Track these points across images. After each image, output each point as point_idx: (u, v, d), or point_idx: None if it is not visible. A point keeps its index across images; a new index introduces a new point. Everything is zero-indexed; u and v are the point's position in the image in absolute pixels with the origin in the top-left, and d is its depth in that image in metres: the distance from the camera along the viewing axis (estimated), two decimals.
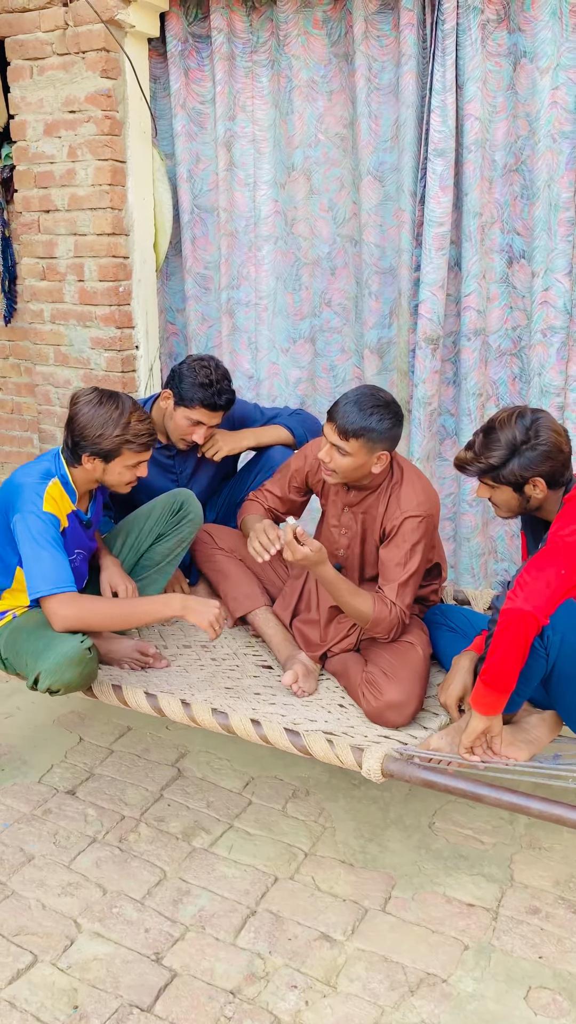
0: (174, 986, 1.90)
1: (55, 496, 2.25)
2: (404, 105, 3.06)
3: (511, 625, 1.80)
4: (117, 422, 2.22)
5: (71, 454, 2.30)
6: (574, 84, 2.87)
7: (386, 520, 2.37)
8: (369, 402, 2.25)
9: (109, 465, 2.28)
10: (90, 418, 2.23)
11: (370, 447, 2.26)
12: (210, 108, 3.49)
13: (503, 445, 1.97)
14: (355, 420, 2.23)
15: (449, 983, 1.91)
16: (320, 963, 1.97)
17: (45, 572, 2.15)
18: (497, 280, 3.17)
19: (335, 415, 2.26)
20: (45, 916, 2.10)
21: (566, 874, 2.22)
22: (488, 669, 1.85)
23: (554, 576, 1.82)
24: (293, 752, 2.04)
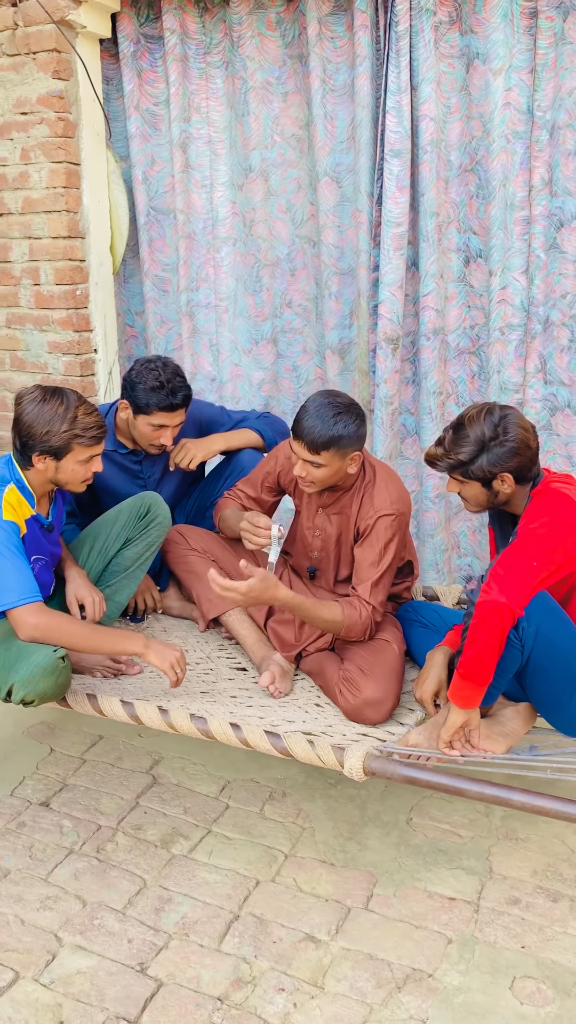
0: (160, 996, 1.89)
1: (12, 502, 2.20)
2: (359, 106, 3.07)
3: (487, 617, 1.82)
4: (63, 417, 2.17)
5: (21, 456, 2.25)
6: (526, 85, 2.91)
7: (360, 519, 2.38)
8: (330, 411, 2.25)
9: (61, 463, 2.23)
10: (35, 416, 2.18)
11: (342, 453, 2.26)
12: (164, 110, 3.46)
13: (472, 441, 2.00)
14: (322, 432, 2.23)
15: (435, 977, 1.93)
16: (306, 964, 1.97)
17: (8, 583, 2.11)
18: (455, 279, 3.20)
19: (301, 433, 2.25)
20: (24, 932, 2.07)
21: (543, 864, 2.25)
22: (465, 662, 1.87)
23: (527, 568, 1.84)
24: (274, 754, 2.03)
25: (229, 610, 2.61)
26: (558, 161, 2.93)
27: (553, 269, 3.03)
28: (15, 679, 2.07)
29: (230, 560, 2.69)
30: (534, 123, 2.92)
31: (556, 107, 2.90)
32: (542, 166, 2.95)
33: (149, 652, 2.17)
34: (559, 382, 3.12)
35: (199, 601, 2.67)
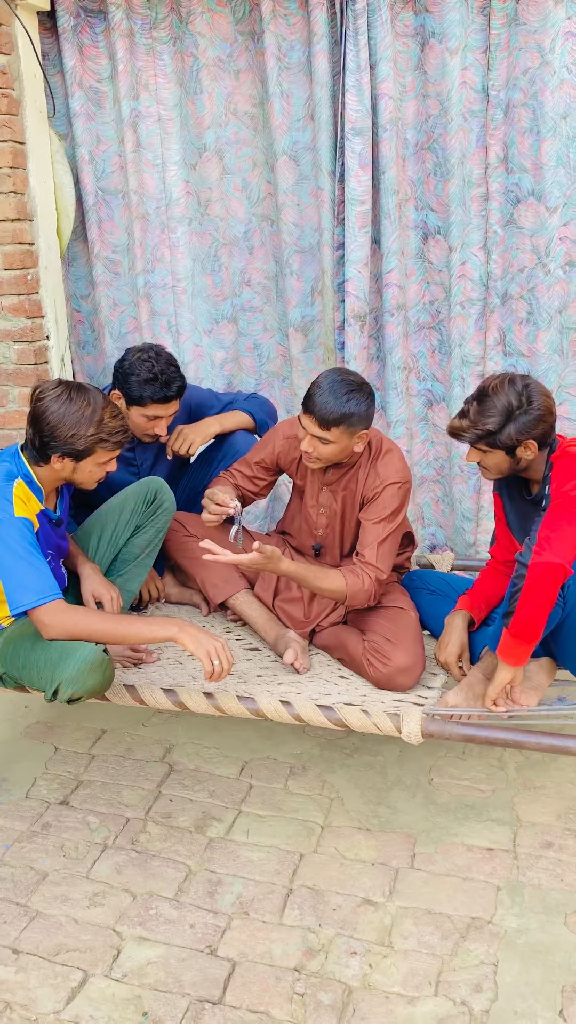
0: (238, 974, 1.90)
1: (21, 497, 2.12)
2: (318, 84, 3.08)
3: (543, 578, 1.91)
4: (91, 420, 2.10)
5: (38, 453, 2.17)
6: (481, 65, 3.00)
7: (366, 490, 2.42)
8: (343, 388, 2.28)
9: (80, 464, 2.16)
10: (61, 417, 2.09)
11: (351, 431, 2.30)
12: (108, 87, 3.37)
13: (499, 411, 2.07)
14: (334, 409, 2.26)
15: (494, 923, 2.02)
16: (370, 927, 2.02)
17: (26, 582, 2.03)
18: (413, 256, 3.28)
19: (312, 408, 2.28)
20: (81, 930, 2.03)
21: (564, 807, 2.39)
22: (518, 622, 1.96)
23: (572, 529, 1.94)
24: (328, 727, 2.07)
25: (236, 593, 2.61)
26: (514, 139, 3.04)
27: (511, 244, 3.15)
28: (62, 677, 2.01)
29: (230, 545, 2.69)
30: (489, 102, 3.01)
31: (510, 86, 2.99)
32: (497, 144, 3.05)
33: (184, 636, 2.05)
34: (519, 353, 3.25)
35: (204, 586, 2.65)
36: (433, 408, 3.43)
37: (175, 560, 2.71)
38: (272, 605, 2.60)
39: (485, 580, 2.44)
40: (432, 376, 3.40)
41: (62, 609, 2.07)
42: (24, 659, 2.11)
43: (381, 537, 2.35)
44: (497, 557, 2.47)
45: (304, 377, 3.44)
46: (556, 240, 3.05)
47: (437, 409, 3.42)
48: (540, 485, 2.20)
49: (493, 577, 2.46)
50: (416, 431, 3.46)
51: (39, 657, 2.07)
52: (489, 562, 2.49)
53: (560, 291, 3.10)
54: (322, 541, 2.57)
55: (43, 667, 2.05)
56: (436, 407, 3.42)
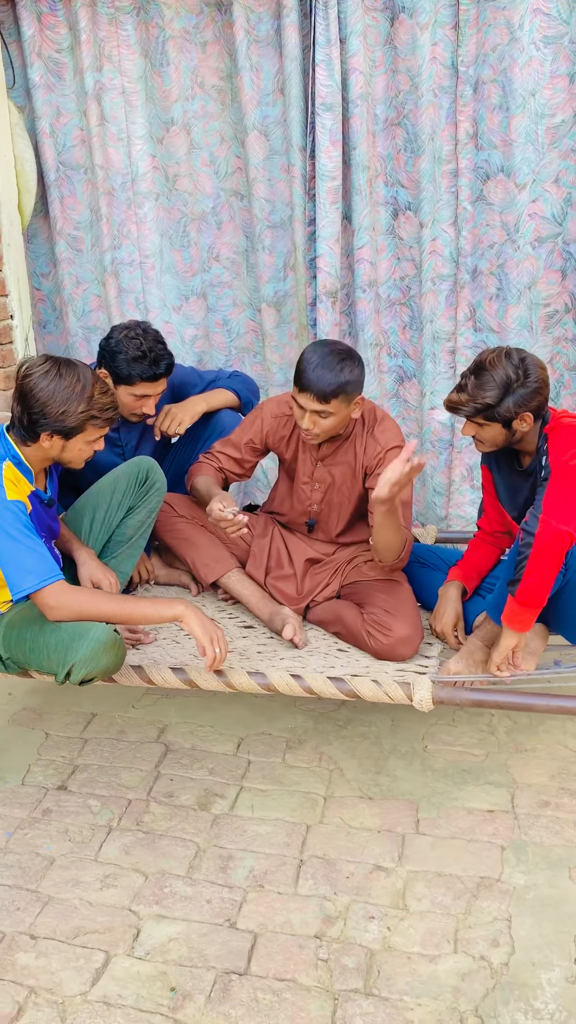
0: (260, 945, 1.92)
1: (11, 479, 2.08)
2: (288, 59, 3.06)
3: (550, 545, 1.96)
4: (81, 396, 2.05)
5: (26, 432, 2.12)
6: (450, 41, 3.01)
7: (367, 459, 2.44)
8: (335, 359, 2.29)
9: (69, 442, 2.12)
10: (51, 393, 2.04)
11: (348, 399, 2.32)
12: (68, 57, 3.28)
13: (497, 384, 2.11)
14: (331, 381, 2.26)
15: (503, 881, 2.09)
16: (384, 891, 2.07)
17: (26, 564, 2.00)
18: (384, 232, 3.30)
19: (308, 384, 2.27)
20: (97, 912, 2.02)
21: (556, 768, 2.47)
22: (525, 589, 2.01)
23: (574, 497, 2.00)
24: (340, 698, 2.10)
25: (228, 572, 2.61)
26: (483, 115, 3.07)
27: (480, 220, 3.19)
28: (75, 659, 1.99)
29: None
30: (458, 78, 3.02)
31: (479, 62, 3.02)
32: (467, 120, 3.07)
33: (190, 616, 2.05)
34: (488, 329, 3.31)
35: (195, 566, 2.64)
36: (404, 384, 3.47)
37: (164, 540, 2.69)
38: (264, 583, 2.61)
39: (474, 551, 2.50)
40: (403, 352, 3.44)
41: (67, 590, 2.04)
42: (32, 642, 2.07)
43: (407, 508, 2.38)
44: (485, 528, 2.52)
45: (277, 352, 3.44)
46: (525, 216, 3.10)
47: (408, 386, 3.46)
48: (533, 457, 2.25)
49: (482, 548, 2.51)
50: (388, 408, 3.49)
51: (49, 639, 2.04)
52: (477, 533, 2.55)
53: (529, 267, 3.15)
54: (316, 517, 2.59)
55: (54, 649, 2.02)
56: (407, 383, 3.46)
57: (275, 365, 3.46)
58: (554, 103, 2.97)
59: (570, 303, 3.17)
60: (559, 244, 3.12)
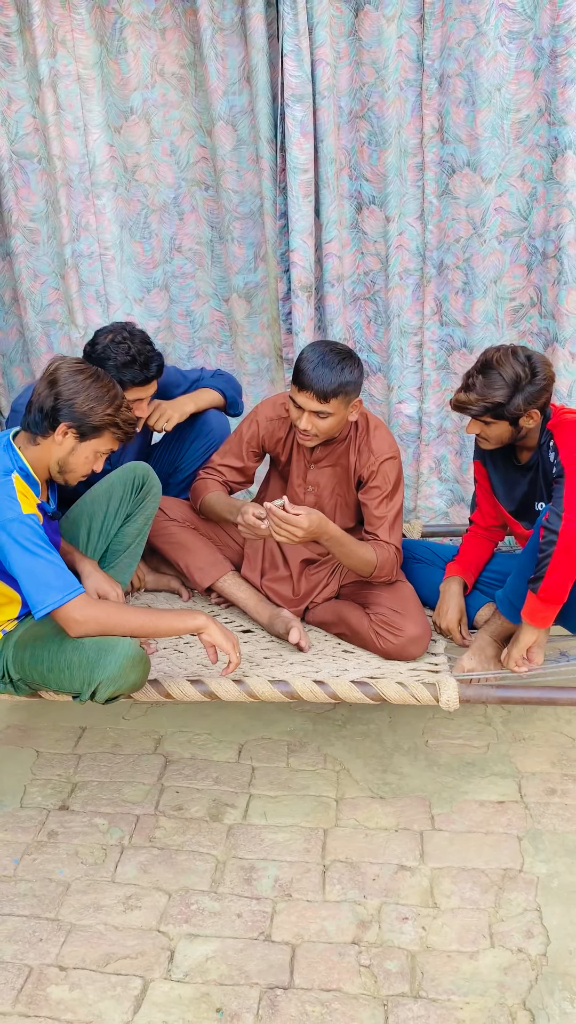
0: (300, 956, 1.90)
1: (22, 492, 1.99)
2: (254, 48, 2.99)
3: (574, 542, 1.98)
4: (111, 401, 2.05)
5: (43, 419, 2.02)
6: (416, 34, 3.01)
7: (361, 467, 2.43)
8: (335, 359, 2.26)
9: (82, 445, 2.05)
10: (83, 387, 2.02)
11: (347, 400, 2.29)
12: (18, 41, 3.13)
13: (506, 383, 2.12)
14: (331, 380, 2.23)
15: (525, 871, 2.12)
16: (412, 891, 2.07)
17: (49, 580, 1.93)
18: (348, 226, 3.27)
19: (308, 383, 2.24)
20: (124, 936, 1.96)
21: (556, 755, 2.52)
22: (549, 586, 2.03)
23: None
24: (366, 702, 2.08)
25: (223, 576, 2.56)
26: (448, 109, 3.07)
27: (446, 214, 3.20)
28: (102, 677, 1.91)
29: (210, 528, 2.63)
30: (424, 72, 3.03)
31: (445, 56, 3.02)
32: (432, 114, 3.07)
33: (211, 627, 2.05)
34: (455, 323, 3.33)
35: (189, 571, 2.58)
36: (370, 379, 3.46)
37: (155, 545, 2.61)
38: (260, 585, 2.57)
39: (470, 545, 2.52)
40: (368, 347, 3.43)
41: (91, 603, 1.98)
42: (51, 662, 1.97)
43: (391, 516, 2.38)
44: (479, 523, 2.54)
45: (248, 342, 3.39)
46: (491, 211, 3.13)
47: (374, 380, 3.46)
48: (533, 452, 2.28)
49: (476, 542, 2.54)
50: None
51: (71, 658, 1.94)
52: (471, 528, 2.57)
53: (495, 261, 3.19)
54: None
55: (78, 668, 1.94)
56: (373, 378, 3.45)
57: (247, 355, 3.41)
58: (519, 98, 3.00)
59: (535, 297, 3.23)
60: (524, 239, 3.16)
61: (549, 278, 3.09)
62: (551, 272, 3.07)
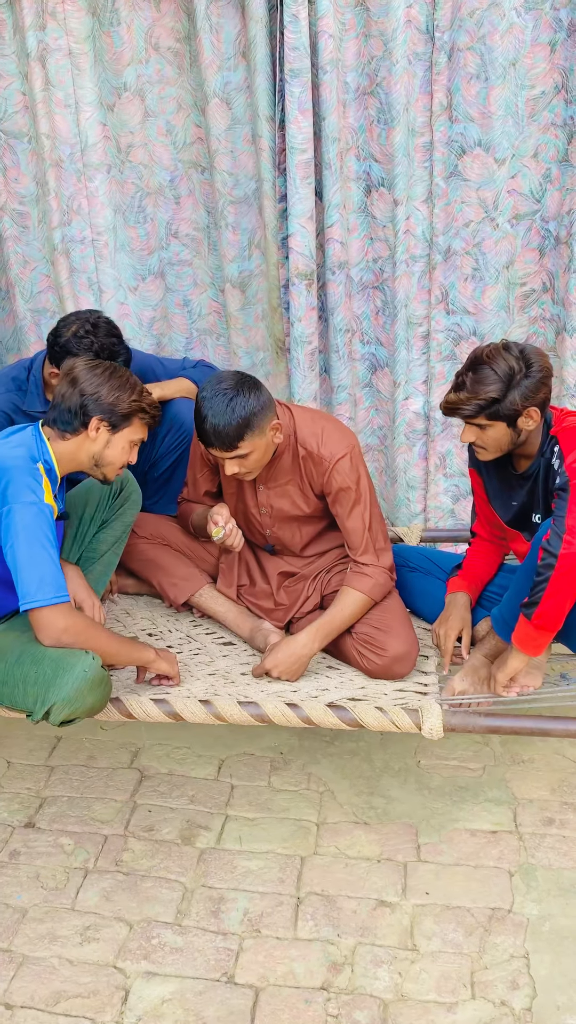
0: (263, 1002, 1.76)
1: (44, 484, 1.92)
2: (252, 20, 2.81)
3: (574, 568, 1.80)
4: (133, 388, 2.04)
5: (73, 420, 1.98)
6: (425, 3, 2.81)
7: (313, 478, 2.25)
8: (223, 401, 2.05)
9: (116, 435, 2.02)
10: (104, 380, 2.01)
11: (260, 431, 2.10)
12: (7, 13, 2.97)
13: (499, 377, 1.94)
14: (227, 426, 2.04)
15: (515, 912, 1.96)
16: (391, 930, 1.93)
17: (47, 577, 1.83)
18: (356, 210, 3.09)
19: (210, 440, 2.08)
20: (79, 972, 1.83)
21: (556, 780, 2.36)
22: (544, 613, 1.85)
23: None
24: (341, 728, 1.93)
25: (199, 589, 2.41)
26: (459, 85, 2.88)
27: (454, 197, 3.00)
28: (56, 698, 1.78)
29: (182, 540, 2.49)
30: (434, 44, 2.83)
31: (456, 28, 2.83)
32: (441, 90, 2.88)
33: (160, 660, 2.07)
34: (463, 311, 3.14)
35: (163, 588, 2.44)
36: (377, 374, 3.29)
37: (126, 565, 2.47)
38: (238, 597, 2.42)
39: (476, 558, 2.34)
40: (376, 339, 3.26)
41: (70, 612, 1.88)
42: (5, 674, 1.85)
43: (365, 525, 2.21)
44: (482, 534, 2.37)
45: (243, 335, 3.22)
46: (504, 193, 2.94)
47: (381, 375, 3.28)
48: (534, 460, 2.10)
49: (482, 553, 2.36)
50: (360, 397, 3.32)
51: (27, 673, 1.82)
52: (474, 539, 2.39)
53: (507, 246, 3.00)
54: (274, 542, 2.40)
55: (32, 684, 1.81)
56: (380, 372, 3.28)
57: (240, 348, 3.25)
58: (534, 73, 2.80)
59: (548, 282, 3.04)
60: (537, 222, 2.97)
61: (562, 263, 2.91)
62: (563, 258, 2.89)
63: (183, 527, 2.49)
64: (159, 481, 2.64)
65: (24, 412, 2.42)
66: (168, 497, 2.62)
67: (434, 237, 3.03)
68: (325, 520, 2.36)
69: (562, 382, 3.10)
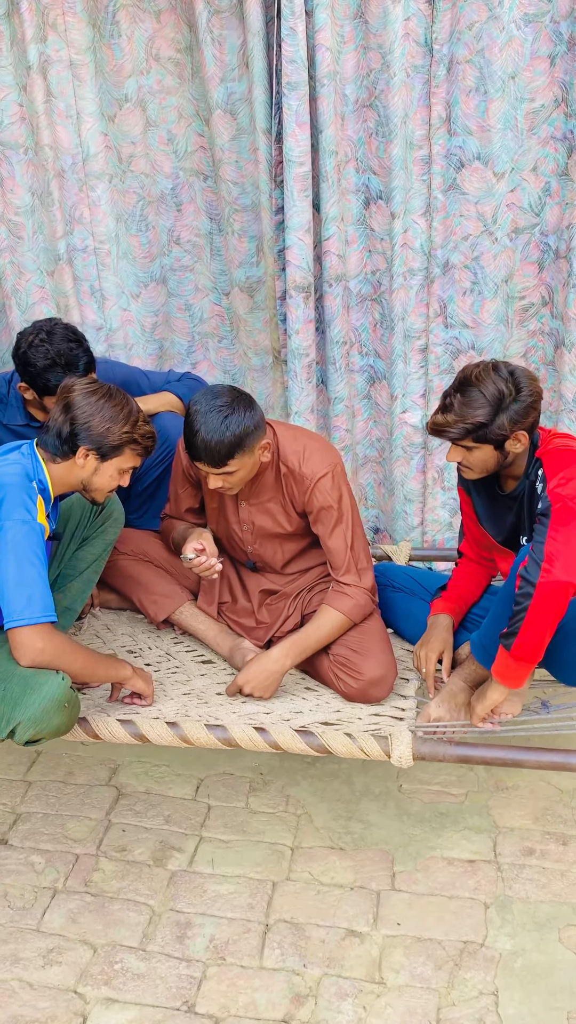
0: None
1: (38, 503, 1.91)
2: (251, 33, 2.80)
3: (551, 598, 1.75)
4: (127, 419, 2.00)
5: (64, 445, 1.97)
6: (424, 16, 2.78)
7: (295, 496, 2.22)
8: (217, 417, 2.02)
9: (104, 464, 2.00)
10: (97, 408, 1.97)
11: (249, 450, 2.08)
12: (5, 26, 2.97)
13: (488, 401, 1.89)
14: (219, 443, 2.02)
15: (487, 946, 1.91)
16: (358, 962, 1.88)
17: (34, 596, 1.82)
18: (354, 222, 3.07)
19: (199, 455, 2.06)
20: (38, 996, 1.81)
21: (540, 808, 2.30)
22: (523, 644, 1.80)
23: None
24: (310, 754, 1.89)
25: (179, 607, 2.39)
26: (457, 98, 2.85)
27: (453, 211, 2.97)
28: (22, 717, 1.77)
29: (164, 556, 2.47)
30: (432, 57, 2.80)
31: (455, 41, 2.79)
32: (439, 103, 2.85)
33: (136, 678, 2.07)
34: (461, 325, 3.10)
35: (143, 605, 2.42)
36: (375, 386, 3.26)
37: (107, 580, 2.45)
38: (219, 615, 2.39)
39: (461, 578, 2.29)
40: (374, 352, 3.23)
41: (51, 633, 1.86)
42: None
43: (347, 544, 2.18)
44: (469, 554, 2.32)
45: (251, 338, 3.22)
46: (503, 207, 2.90)
47: (379, 387, 3.25)
48: (519, 481, 2.05)
49: (468, 574, 2.31)
50: (358, 409, 3.29)
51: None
52: (461, 560, 2.34)
53: (506, 259, 2.96)
54: (255, 558, 2.37)
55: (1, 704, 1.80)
56: (378, 384, 3.25)
57: (250, 350, 3.25)
58: (533, 87, 2.77)
59: (547, 296, 3.00)
60: (536, 235, 2.94)
61: (561, 278, 2.87)
62: (562, 272, 2.85)
63: (166, 543, 2.47)
64: (143, 496, 2.62)
65: (4, 425, 2.41)
66: (152, 512, 2.60)
67: (432, 250, 3.00)
68: (307, 538, 2.33)
69: (560, 397, 3.06)
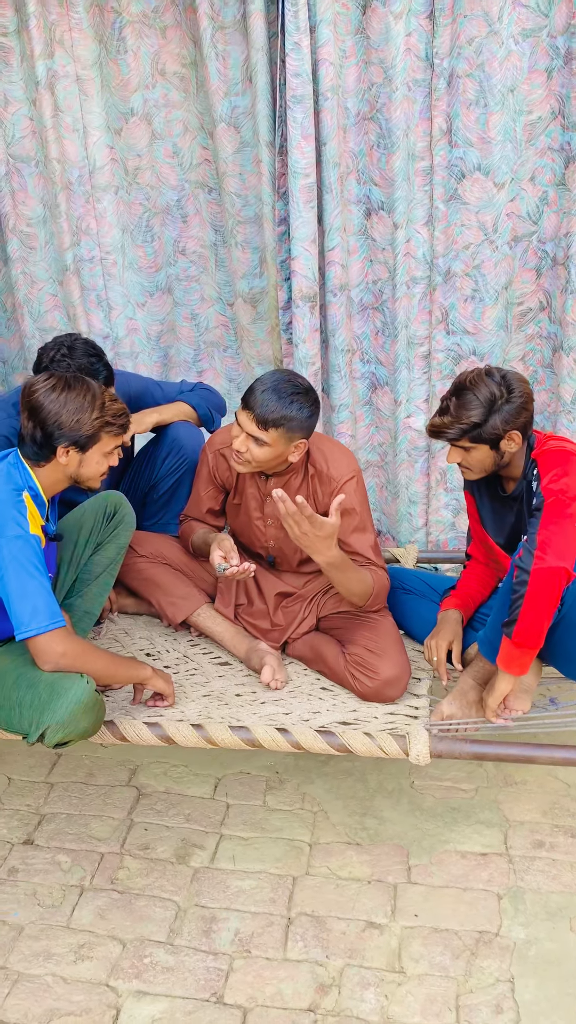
0: (251, 1022, 1.79)
1: (31, 512, 1.95)
2: (254, 48, 2.86)
3: (546, 583, 1.84)
4: (92, 405, 1.99)
5: (41, 449, 1.99)
6: (425, 31, 2.85)
7: (319, 496, 2.29)
8: (288, 389, 2.12)
9: (86, 455, 2.02)
10: (62, 404, 1.96)
11: (289, 436, 2.15)
12: (15, 42, 3.04)
13: (481, 402, 2.00)
14: (275, 409, 2.10)
15: (502, 935, 1.99)
16: (378, 953, 1.95)
17: (39, 605, 1.86)
18: (356, 232, 3.14)
19: (252, 404, 2.12)
20: (72, 990, 1.88)
21: (548, 802, 2.38)
22: (523, 631, 1.88)
23: (571, 528, 1.89)
24: (330, 753, 1.96)
25: (197, 609, 2.45)
26: (458, 111, 2.92)
27: (454, 220, 3.04)
28: (51, 721, 1.83)
29: (182, 559, 2.53)
30: (433, 71, 2.87)
31: (455, 55, 2.86)
32: (440, 116, 2.92)
33: (157, 678, 2.11)
34: (463, 331, 3.18)
35: (161, 607, 2.48)
36: (377, 392, 3.33)
37: (125, 583, 2.51)
38: (235, 617, 2.46)
39: (470, 579, 2.38)
40: (376, 359, 3.30)
41: (67, 637, 1.91)
42: (2, 698, 1.90)
43: (366, 547, 2.25)
44: (477, 556, 2.40)
45: (254, 348, 3.29)
46: (503, 216, 2.97)
47: (381, 393, 3.32)
48: (518, 482, 2.14)
49: (476, 574, 2.39)
50: (360, 415, 3.36)
51: (23, 696, 1.87)
52: (469, 562, 2.42)
53: (506, 267, 3.04)
54: (275, 553, 2.43)
55: (27, 708, 1.86)
56: (380, 391, 3.32)
57: (253, 359, 3.32)
58: (531, 99, 2.85)
59: (545, 301, 3.07)
60: (534, 243, 3.02)
61: (558, 284, 2.95)
62: (560, 278, 2.93)
63: (184, 546, 2.53)
64: (159, 503, 2.68)
65: None
66: (167, 518, 2.66)
67: (434, 259, 3.07)
68: None
69: (558, 399, 3.14)
